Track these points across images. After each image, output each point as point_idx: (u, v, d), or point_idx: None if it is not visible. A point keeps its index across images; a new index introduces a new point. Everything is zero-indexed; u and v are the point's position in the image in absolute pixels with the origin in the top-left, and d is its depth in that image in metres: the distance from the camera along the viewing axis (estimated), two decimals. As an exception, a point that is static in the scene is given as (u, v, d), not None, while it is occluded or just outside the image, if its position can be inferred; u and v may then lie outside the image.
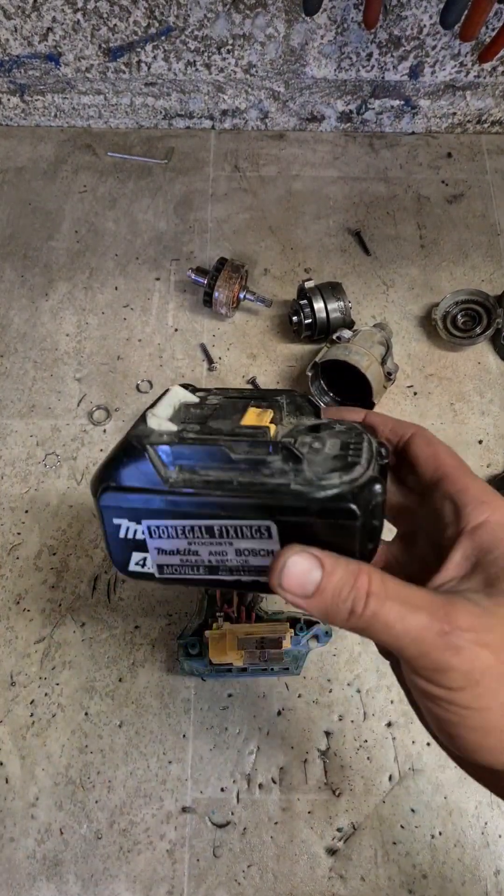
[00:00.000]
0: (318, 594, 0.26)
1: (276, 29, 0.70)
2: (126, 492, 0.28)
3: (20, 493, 0.62)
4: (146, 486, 0.28)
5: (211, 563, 0.30)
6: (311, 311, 0.65)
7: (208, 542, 0.29)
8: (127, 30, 0.70)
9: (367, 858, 0.49)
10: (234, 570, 0.30)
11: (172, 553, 0.30)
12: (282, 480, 0.27)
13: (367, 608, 0.25)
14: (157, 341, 0.69)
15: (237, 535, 0.28)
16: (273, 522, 0.28)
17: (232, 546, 0.29)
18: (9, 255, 0.73)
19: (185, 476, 0.28)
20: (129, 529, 0.29)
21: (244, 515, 0.28)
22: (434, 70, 0.74)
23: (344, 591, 0.26)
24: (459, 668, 0.25)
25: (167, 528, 0.29)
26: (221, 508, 0.28)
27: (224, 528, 0.28)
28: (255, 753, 0.52)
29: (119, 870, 0.49)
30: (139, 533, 0.29)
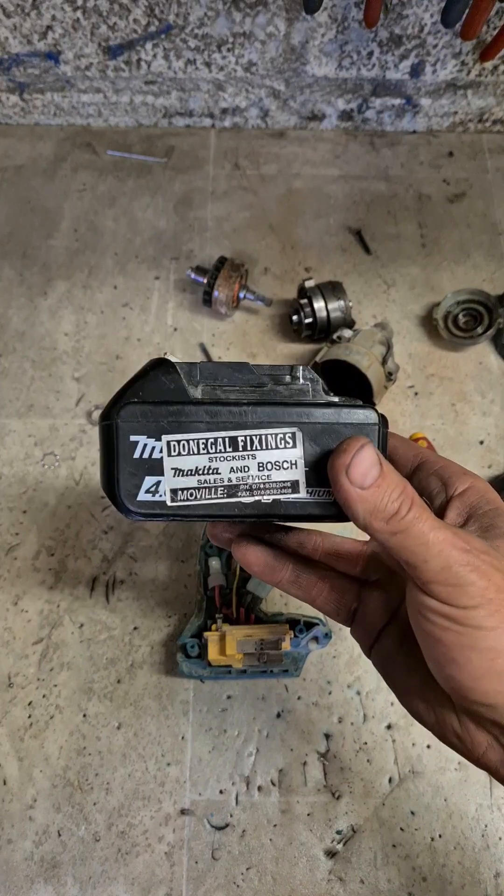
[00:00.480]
0: (373, 488, 0.27)
1: (276, 27, 0.69)
2: (150, 405, 0.28)
3: (18, 494, 0.61)
4: (171, 399, 0.28)
5: (231, 481, 0.29)
6: (311, 311, 0.65)
7: (230, 457, 0.29)
8: (127, 28, 0.70)
9: (366, 861, 0.49)
10: (255, 488, 0.29)
11: (190, 473, 0.28)
12: (302, 388, 0.29)
13: (411, 512, 0.27)
14: (156, 340, 0.69)
15: (261, 445, 0.29)
16: (298, 428, 0.29)
17: (255, 459, 0.29)
18: (7, 253, 0.73)
19: (211, 391, 0.29)
20: (145, 448, 0.28)
21: (269, 423, 0.28)
22: (435, 69, 0.74)
23: (395, 493, 0.27)
24: (477, 583, 0.27)
25: (188, 442, 0.28)
26: (246, 416, 0.28)
27: (249, 439, 0.29)
28: (255, 755, 0.52)
29: (117, 872, 0.49)
30: (157, 451, 0.28)
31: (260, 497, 0.29)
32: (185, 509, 0.29)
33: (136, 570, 0.58)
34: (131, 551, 0.59)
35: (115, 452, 0.28)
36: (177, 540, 0.59)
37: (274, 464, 0.29)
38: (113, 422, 0.28)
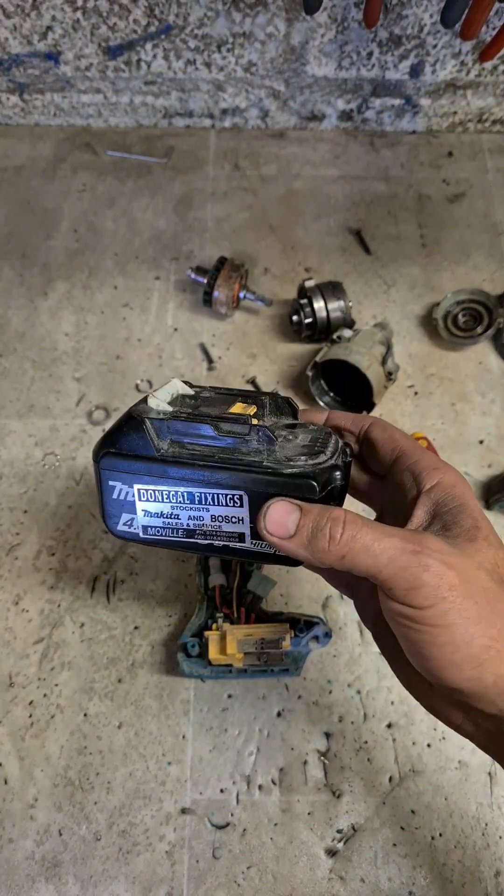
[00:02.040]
0: (298, 531, 0.30)
1: (276, 27, 0.69)
2: (122, 457, 0.33)
3: (19, 494, 0.61)
4: (140, 453, 0.33)
5: (189, 526, 0.34)
6: (311, 311, 0.65)
7: (188, 507, 0.33)
8: (126, 28, 0.70)
9: (366, 860, 0.49)
10: (209, 534, 0.34)
11: (157, 516, 0.34)
12: (256, 458, 0.33)
13: (345, 532, 0.29)
14: (156, 341, 0.69)
15: (213, 502, 0.33)
16: (245, 492, 0.32)
17: (208, 512, 0.33)
18: (7, 254, 0.73)
19: (175, 447, 0.33)
20: (121, 491, 0.34)
21: (221, 485, 0.32)
22: (435, 69, 0.74)
23: (321, 522, 0.30)
24: (429, 582, 0.29)
25: (154, 492, 0.33)
26: (202, 477, 0.33)
27: (203, 495, 0.33)
28: (255, 755, 0.52)
29: (118, 871, 0.49)
30: (130, 495, 0.34)
31: (212, 541, 0.34)
32: (155, 541, 0.35)
33: (136, 569, 0.58)
34: (132, 551, 0.59)
35: (101, 489, 0.34)
36: (177, 540, 0.60)
37: (223, 518, 0.33)
38: (96, 466, 0.34)
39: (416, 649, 0.30)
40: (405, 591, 0.29)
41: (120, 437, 0.33)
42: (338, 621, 0.56)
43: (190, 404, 0.37)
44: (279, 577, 0.57)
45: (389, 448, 0.36)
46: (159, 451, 0.33)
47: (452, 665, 0.29)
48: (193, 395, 0.38)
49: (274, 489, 0.32)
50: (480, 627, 0.29)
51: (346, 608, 0.57)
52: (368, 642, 0.56)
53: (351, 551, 0.29)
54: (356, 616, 0.56)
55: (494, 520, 0.59)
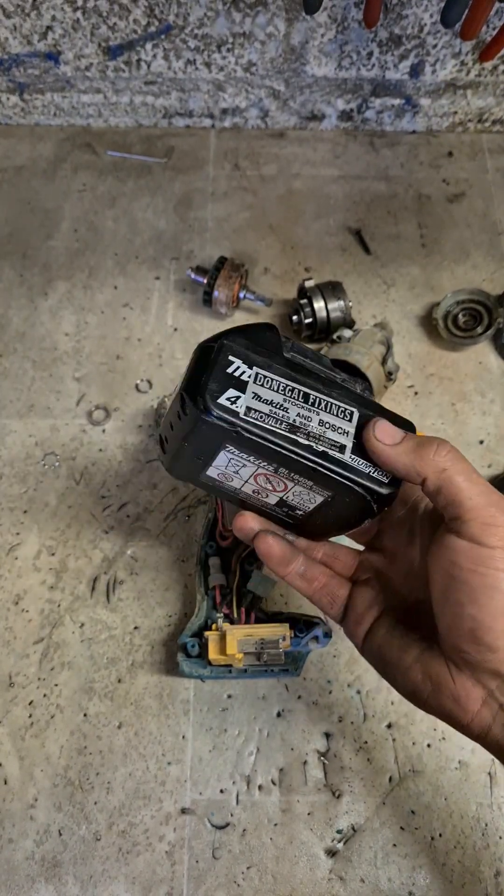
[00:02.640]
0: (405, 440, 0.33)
1: (276, 27, 0.69)
2: (252, 341, 0.33)
3: (19, 493, 0.61)
4: (269, 347, 0.33)
5: (294, 422, 0.33)
6: (311, 311, 0.65)
7: (300, 405, 0.33)
8: (126, 28, 0.70)
9: (366, 860, 0.49)
10: (312, 435, 0.33)
11: (266, 402, 0.33)
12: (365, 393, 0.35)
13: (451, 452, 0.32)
14: (156, 340, 0.69)
15: (326, 409, 0.34)
16: (357, 410, 0.34)
17: (318, 416, 0.33)
18: (7, 254, 0.73)
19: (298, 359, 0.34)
20: (238, 368, 0.32)
21: (337, 396, 0.34)
22: (435, 69, 0.74)
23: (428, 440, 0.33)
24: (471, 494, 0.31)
25: (272, 380, 0.33)
26: (323, 384, 0.34)
27: (318, 399, 0.33)
28: (255, 755, 0.52)
29: (118, 871, 0.49)
30: (246, 375, 0.33)
31: (314, 443, 0.33)
32: (251, 426, 0.32)
33: (136, 569, 0.58)
34: (132, 551, 0.59)
35: (213, 363, 0.32)
36: (177, 540, 0.60)
37: (331, 426, 0.34)
38: (219, 342, 0.33)
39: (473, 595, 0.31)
40: (483, 525, 0.31)
41: (249, 331, 0.33)
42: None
43: None
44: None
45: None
46: (286, 356, 0.34)
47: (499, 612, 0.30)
48: None
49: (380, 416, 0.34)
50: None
51: (346, 608, 0.57)
52: (368, 642, 0.56)
53: (452, 468, 0.32)
54: (356, 616, 0.56)
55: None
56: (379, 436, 0.33)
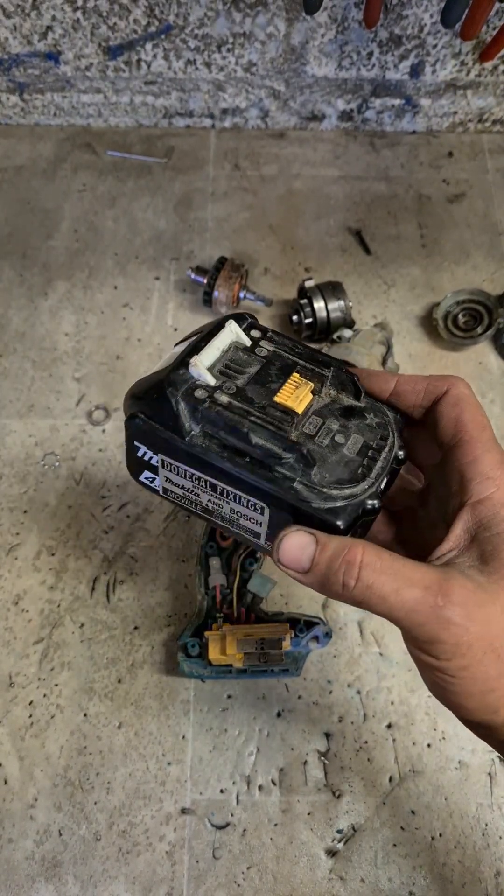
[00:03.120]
0: (313, 568, 0.28)
1: (276, 27, 0.69)
2: (152, 426, 0.31)
3: (19, 494, 0.61)
4: (170, 430, 0.31)
5: (208, 507, 0.33)
6: (311, 311, 0.65)
7: (209, 493, 0.32)
8: (127, 28, 0.70)
9: (367, 860, 0.49)
10: (226, 520, 0.33)
11: (178, 486, 0.33)
12: (289, 474, 0.29)
13: (360, 580, 0.27)
14: (156, 341, 0.69)
15: (234, 500, 0.31)
16: (266, 506, 0.30)
17: (228, 505, 0.32)
18: (7, 254, 0.73)
19: (205, 436, 0.31)
20: (146, 454, 0.32)
21: (245, 490, 0.30)
22: (435, 69, 0.74)
23: (335, 564, 0.28)
24: (448, 641, 0.27)
25: (178, 467, 0.32)
26: (227, 476, 0.30)
27: (225, 490, 0.31)
28: (255, 755, 0.52)
29: (118, 871, 0.49)
30: (154, 461, 0.32)
31: (228, 526, 0.33)
32: (173, 500, 0.34)
33: (136, 570, 0.58)
34: (132, 551, 0.59)
35: (126, 444, 0.33)
36: (177, 540, 0.60)
37: (243, 515, 0.32)
38: (126, 421, 0.32)
39: (436, 690, 0.29)
40: (423, 643, 0.27)
41: (153, 404, 0.31)
42: (338, 621, 0.56)
43: (239, 368, 0.32)
44: (279, 577, 0.57)
45: (451, 432, 0.32)
46: (189, 434, 0.30)
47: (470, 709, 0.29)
48: (248, 348, 0.33)
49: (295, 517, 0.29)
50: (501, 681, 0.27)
51: (346, 608, 0.57)
52: (368, 642, 0.56)
53: (367, 600, 0.27)
54: (356, 616, 0.56)
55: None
56: (284, 560, 0.29)
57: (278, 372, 0.32)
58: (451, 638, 0.27)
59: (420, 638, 0.27)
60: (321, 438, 0.31)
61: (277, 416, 0.30)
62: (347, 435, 0.31)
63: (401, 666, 0.54)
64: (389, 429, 0.32)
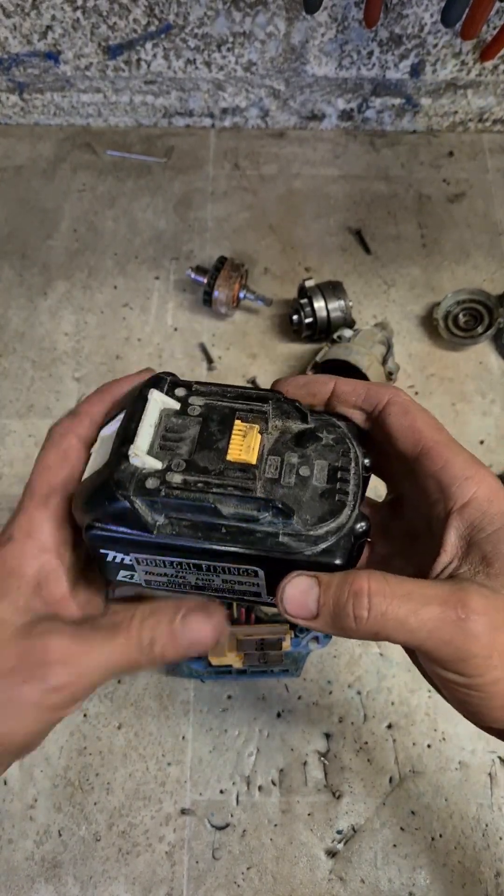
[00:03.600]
0: (321, 609, 0.26)
1: (276, 27, 0.69)
2: (113, 531, 0.28)
3: (19, 494, 0.61)
4: (135, 529, 0.28)
5: (198, 584, 0.30)
6: (311, 311, 0.65)
7: (195, 573, 0.30)
8: (126, 28, 0.70)
9: (367, 861, 0.49)
10: (220, 591, 0.31)
11: (160, 575, 0.30)
12: (271, 530, 0.28)
13: (373, 609, 0.25)
14: (156, 341, 0.69)
15: (224, 572, 0.29)
16: (259, 569, 0.28)
17: (218, 577, 0.30)
18: (7, 254, 0.73)
19: (172, 523, 0.28)
20: (115, 557, 0.30)
21: (232, 560, 0.28)
22: (435, 68, 0.73)
23: (341, 599, 0.26)
24: (480, 653, 0.25)
25: (154, 560, 0.29)
26: (209, 553, 0.28)
27: (212, 566, 0.29)
28: (255, 755, 0.52)
29: (118, 871, 0.49)
30: (126, 560, 0.30)
31: (224, 595, 0.31)
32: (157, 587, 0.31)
33: (136, 570, 0.58)
34: (132, 551, 0.59)
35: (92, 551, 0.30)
36: (177, 540, 0.59)
37: (237, 582, 0.30)
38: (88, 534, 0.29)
39: (464, 709, 0.28)
40: (451, 662, 0.26)
41: (105, 509, 0.28)
42: (338, 622, 0.56)
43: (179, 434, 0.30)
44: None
45: (411, 442, 0.30)
46: (155, 527, 0.28)
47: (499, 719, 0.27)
48: (179, 412, 0.31)
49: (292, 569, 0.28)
50: None
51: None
52: (368, 643, 0.56)
53: (384, 629, 0.25)
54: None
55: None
56: (292, 611, 0.27)
57: (219, 426, 0.30)
58: (483, 650, 0.25)
59: (447, 658, 0.26)
60: (287, 479, 0.29)
61: (237, 476, 0.28)
62: (310, 464, 0.30)
63: (401, 666, 0.54)
64: (347, 441, 0.31)
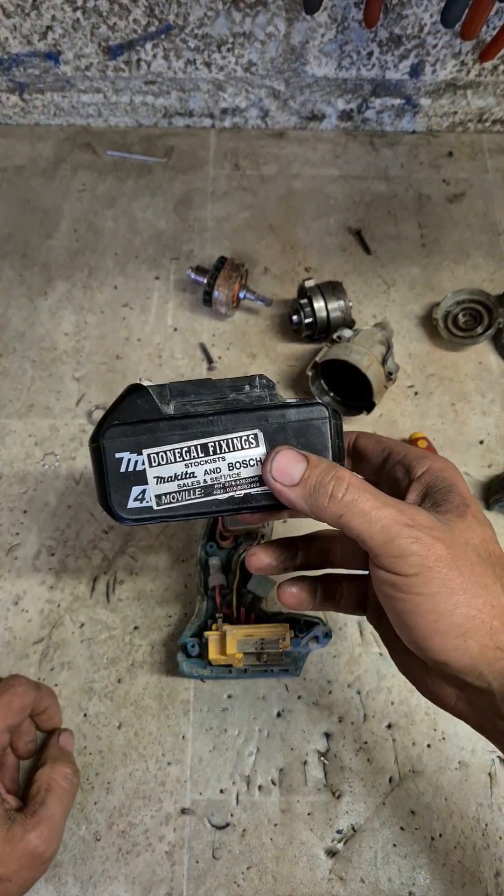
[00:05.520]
0: (302, 482, 0.32)
1: (276, 27, 0.69)
2: (130, 425, 0.33)
3: (19, 494, 0.61)
4: (147, 417, 0.33)
5: (206, 482, 0.33)
6: (311, 311, 0.65)
7: (203, 461, 0.33)
8: (126, 28, 0.70)
9: (366, 860, 0.49)
10: (228, 485, 0.33)
11: (171, 479, 0.33)
12: (261, 393, 0.34)
13: (347, 494, 0.31)
14: (156, 340, 0.69)
15: (229, 448, 0.33)
16: (259, 429, 0.33)
17: (224, 461, 0.33)
18: (7, 254, 0.73)
19: (179, 407, 0.34)
20: (129, 462, 0.33)
21: (233, 428, 0.33)
22: (435, 69, 0.74)
23: (325, 479, 0.31)
24: (417, 552, 0.30)
25: (166, 453, 0.33)
26: (214, 425, 0.33)
27: (217, 444, 0.33)
28: (255, 755, 0.52)
29: (118, 871, 0.49)
30: (139, 464, 0.33)
31: (233, 493, 0.33)
32: (169, 511, 0.33)
33: (136, 569, 0.58)
34: (132, 551, 0.59)
35: (105, 469, 0.33)
36: (177, 540, 0.60)
37: (241, 462, 0.33)
38: (99, 444, 0.33)
39: (401, 620, 0.31)
40: (392, 558, 0.30)
41: (122, 406, 0.33)
42: (338, 621, 0.56)
43: None
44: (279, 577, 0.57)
45: (378, 449, 0.38)
46: (165, 413, 0.33)
47: (436, 634, 0.30)
48: None
49: (288, 419, 0.33)
50: (464, 597, 0.30)
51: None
52: (368, 642, 0.56)
53: (348, 513, 0.30)
54: (356, 616, 0.56)
55: (494, 520, 0.59)
56: (275, 475, 0.32)
57: None
58: (420, 549, 0.30)
59: (389, 553, 0.30)
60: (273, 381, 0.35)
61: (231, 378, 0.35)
62: None
63: (401, 666, 0.54)
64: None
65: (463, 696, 0.33)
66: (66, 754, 0.49)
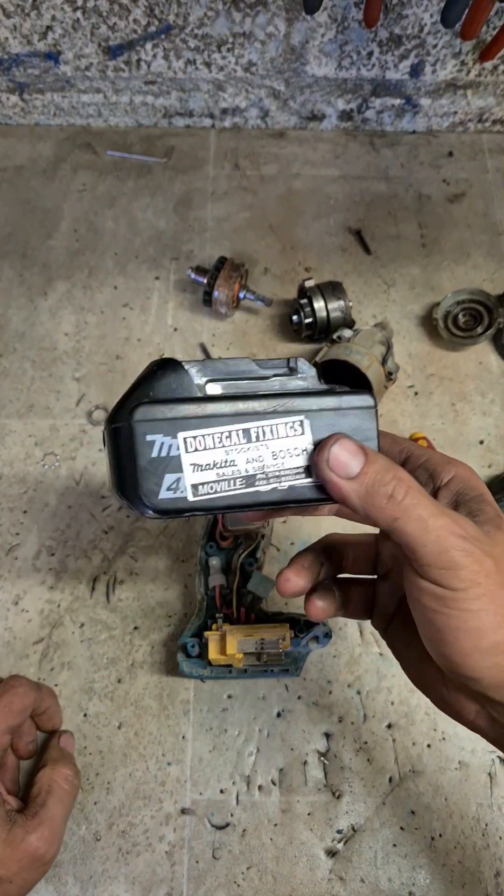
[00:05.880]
0: (360, 476, 0.29)
1: (276, 27, 0.69)
2: (162, 404, 0.29)
3: (19, 494, 0.61)
4: (183, 395, 0.29)
5: (248, 472, 0.30)
6: (311, 311, 0.65)
7: (245, 448, 0.30)
8: (126, 28, 0.70)
9: (366, 860, 0.49)
10: (271, 476, 0.30)
11: (209, 467, 0.29)
12: (302, 383, 0.31)
13: (407, 498, 0.29)
14: (156, 340, 0.69)
15: (273, 434, 0.30)
16: (305, 415, 0.30)
17: (268, 448, 0.30)
18: (7, 254, 0.73)
19: (219, 386, 0.30)
20: (163, 446, 0.28)
21: (278, 414, 0.30)
22: (435, 69, 0.74)
23: (386, 477, 0.29)
24: (469, 566, 0.28)
25: (204, 437, 0.29)
26: (258, 408, 0.30)
27: (261, 429, 0.30)
28: (255, 755, 0.52)
29: (118, 871, 0.49)
30: (174, 449, 0.29)
31: (277, 484, 0.30)
32: (207, 502, 0.29)
33: (136, 569, 0.58)
34: (132, 551, 0.59)
35: (133, 454, 0.28)
36: (177, 540, 0.60)
37: (286, 451, 0.30)
38: (125, 423, 0.28)
39: (440, 635, 0.30)
40: (443, 570, 0.29)
41: (154, 382, 0.29)
42: (338, 621, 0.56)
43: None
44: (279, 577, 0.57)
45: (395, 451, 0.36)
46: (203, 390, 0.30)
47: (476, 651, 0.29)
48: None
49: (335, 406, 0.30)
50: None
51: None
52: (368, 642, 0.56)
53: (405, 517, 0.29)
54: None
55: (494, 520, 0.59)
56: (332, 465, 0.29)
57: None
58: (472, 564, 0.28)
59: (439, 565, 0.28)
60: None
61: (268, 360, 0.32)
62: None
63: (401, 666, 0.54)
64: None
65: (484, 712, 0.32)
66: (67, 756, 0.49)
